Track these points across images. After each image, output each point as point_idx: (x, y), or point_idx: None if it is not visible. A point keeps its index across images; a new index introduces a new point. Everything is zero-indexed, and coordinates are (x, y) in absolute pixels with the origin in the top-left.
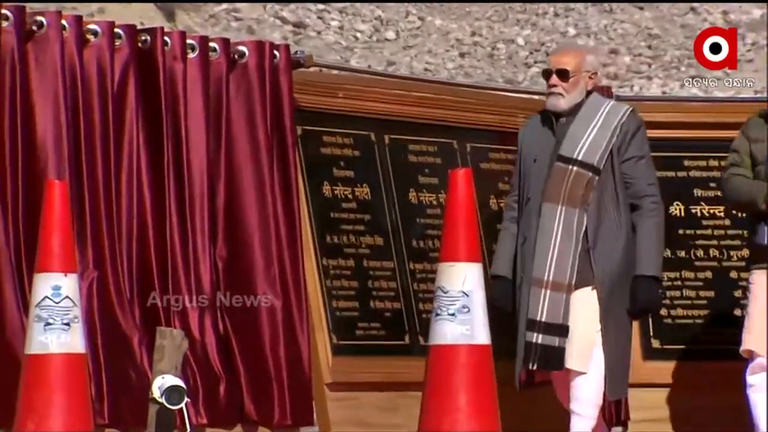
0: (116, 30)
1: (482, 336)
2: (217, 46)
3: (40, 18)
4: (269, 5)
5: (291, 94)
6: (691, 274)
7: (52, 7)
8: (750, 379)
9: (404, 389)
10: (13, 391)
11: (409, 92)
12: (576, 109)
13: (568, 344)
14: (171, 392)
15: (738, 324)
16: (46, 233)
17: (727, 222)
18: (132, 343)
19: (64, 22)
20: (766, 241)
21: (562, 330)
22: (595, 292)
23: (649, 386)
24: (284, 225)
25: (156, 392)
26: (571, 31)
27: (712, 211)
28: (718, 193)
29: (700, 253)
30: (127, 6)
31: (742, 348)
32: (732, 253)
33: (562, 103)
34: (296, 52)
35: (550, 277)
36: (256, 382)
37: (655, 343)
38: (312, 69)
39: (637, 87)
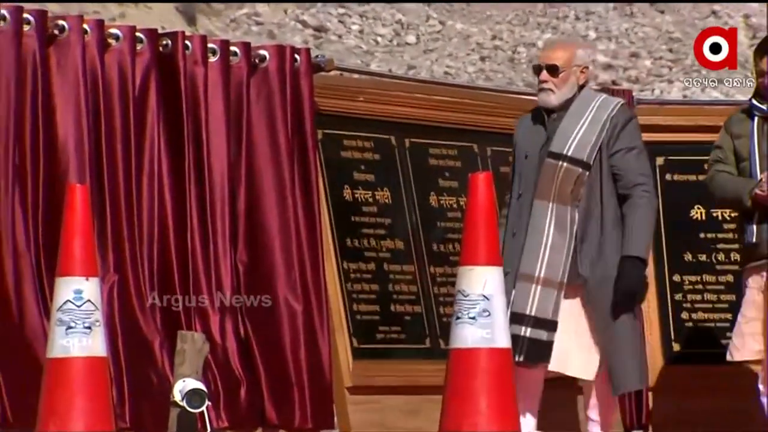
0: (137, 34)
1: (503, 339)
2: (237, 50)
3: (61, 22)
4: (290, 10)
5: (312, 98)
6: (712, 278)
7: (74, 11)
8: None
9: (425, 393)
10: (34, 394)
11: (429, 96)
12: (567, 104)
13: (568, 353)
14: (192, 396)
15: None
16: (67, 237)
17: None
18: (153, 347)
19: (85, 26)
20: (754, 239)
21: (551, 325)
22: (578, 299)
23: (670, 389)
24: (305, 228)
25: (177, 396)
26: (592, 34)
27: (733, 215)
28: None
29: (721, 256)
30: (148, 11)
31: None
32: None
33: (553, 99)
34: (317, 56)
35: (542, 274)
36: (276, 385)
37: (676, 347)
38: (333, 73)
39: (657, 90)
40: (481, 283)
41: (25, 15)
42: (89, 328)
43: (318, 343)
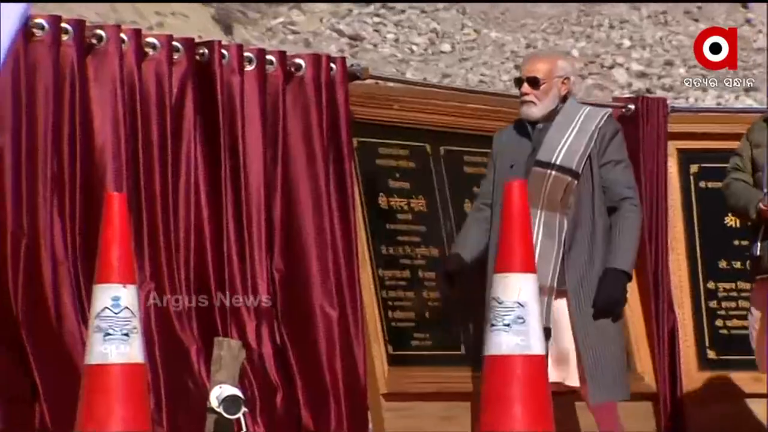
0: (174, 43)
1: (537, 346)
2: (273, 59)
3: (99, 32)
4: (326, 19)
5: (347, 107)
6: (746, 285)
7: (112, 21)
8: None
9: (460, 399)
10: (73, 401)
11: (464, 104)
12: (552, 115)
13: (565, 363)
14: (229, 402)
15: None
16: (105, 245)
17: None
18: (190, 354)
19: (123, 35)
20: (758, 252)
21: (545, 332)
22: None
23: (705, 396)
24: (341, 236)
25: (214, 402)
26: (626, 42)
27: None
28: None
29: None
30: (185, 20)
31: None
32: None
33: (535, 111)
34: (352, 65)
35: None
36: (312, 391)
37: (711, 354)
38: (368, 81)
39: (692, 98)
40: (516, 290)
41: (64, 24)
42: (127, 335)
43: (353, 350)
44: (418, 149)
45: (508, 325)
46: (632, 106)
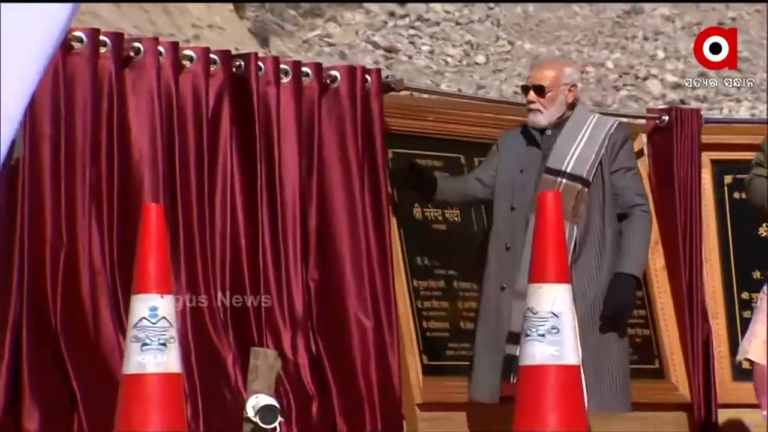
0: (211, 56)
1: (572, 357)
2: (309, 71)
3: (137, 44)
4: (361, 31)
5: (382, 118)
6: None
7: (150, 34)
8: None
9: (496, 408)
10: (110, 409)
11: (498, 115)
12: (559, 122)
13: None
14: (265, 412)
15: None
16: (143, 256)
17: None
18: (226, 363)
19: (160, 48)
20: None
21: None
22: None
23: (739, 406)
24: (375, 246)
25: (250, 411)
26: (660, 54)
27: None
28: None
29: None
30: (222, 32)
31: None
32: None
33: (541, 119)
34: (387, 77)
35: None
36: (348, 401)
37: (746, 364)
38: (403, 93)
39: (726, 109)
40: (551, 300)
41: (102, 37)
42: (164, 344)
43: (388, 360)
44: (452, 160)
45: (542, 335)
46: (666, 117)
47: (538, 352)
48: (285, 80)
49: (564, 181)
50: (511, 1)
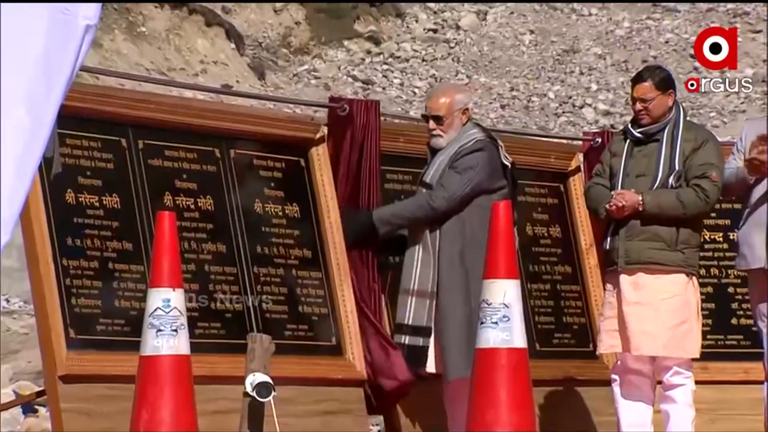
0: None
1: (519, 341)
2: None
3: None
4: (343, 66)
5: None
6: None
7: (164, 68)
8: None
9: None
10: None
11: None
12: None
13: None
14: (260, 387)
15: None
16: (157, 255)
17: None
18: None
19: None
20: (607, 247)
21: (426, 331)
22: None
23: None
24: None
25: (248, 387)
26: (594, 86)
27: (713, 237)
28: None
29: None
30: (225, 68)
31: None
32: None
33: (442, 142)
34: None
35: (415, 286)
36: None
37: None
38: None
39: None
40: (502, 293)
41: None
42: (176, 330)
43: None
44: (417, 175)
45: (495, 323)
46: (599, 139)
47: (491, 337)
48: None
49: (423, 190)
50: (514, 0)
